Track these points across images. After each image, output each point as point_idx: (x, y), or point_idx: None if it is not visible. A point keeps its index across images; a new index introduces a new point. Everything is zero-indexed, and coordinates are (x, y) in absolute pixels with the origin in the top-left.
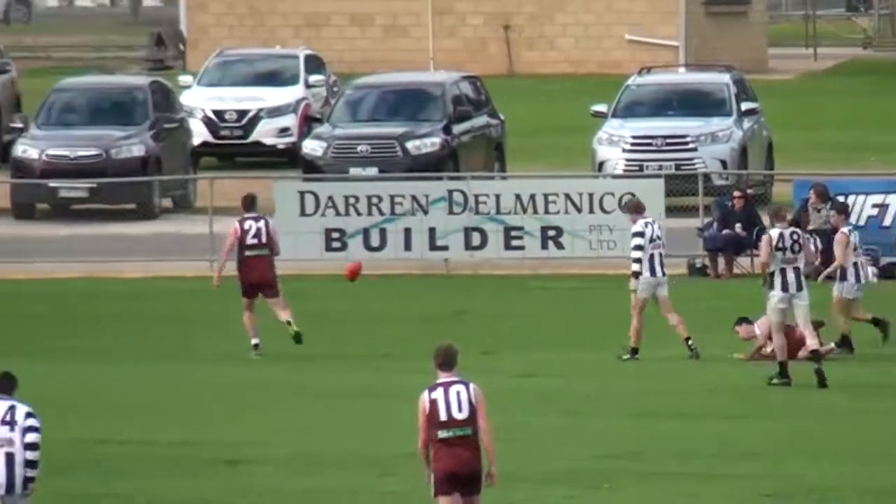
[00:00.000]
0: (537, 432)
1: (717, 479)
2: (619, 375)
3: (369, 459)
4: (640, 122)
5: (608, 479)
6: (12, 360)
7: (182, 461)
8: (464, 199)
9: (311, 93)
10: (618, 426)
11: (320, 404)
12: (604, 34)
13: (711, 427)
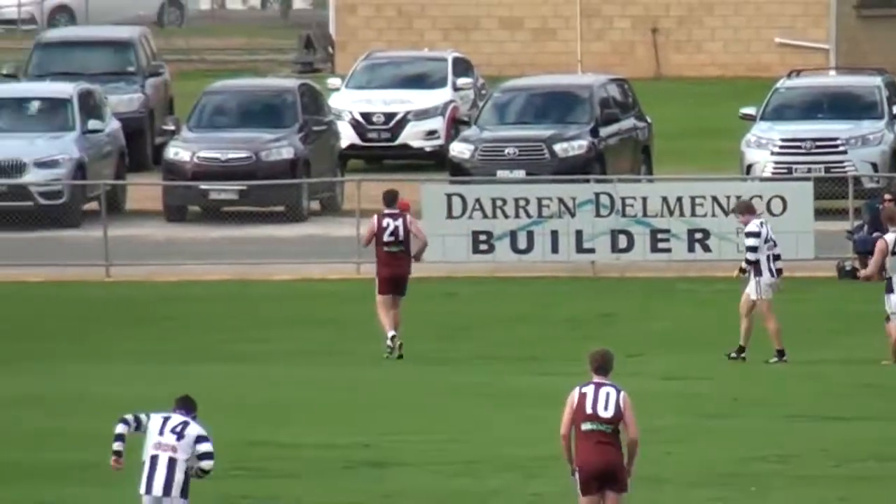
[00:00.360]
0: (683, 435)
1: (870, 482)
2: (765, 378)
3: (515, 461)
4: (789, 124)
5: (756, 482)
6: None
7: (328, 463)
8: (610, 202)
9: (459, 95)
10: (766, 428)
11: (466, 405)
12: (753, 37)
13: (863, 429)
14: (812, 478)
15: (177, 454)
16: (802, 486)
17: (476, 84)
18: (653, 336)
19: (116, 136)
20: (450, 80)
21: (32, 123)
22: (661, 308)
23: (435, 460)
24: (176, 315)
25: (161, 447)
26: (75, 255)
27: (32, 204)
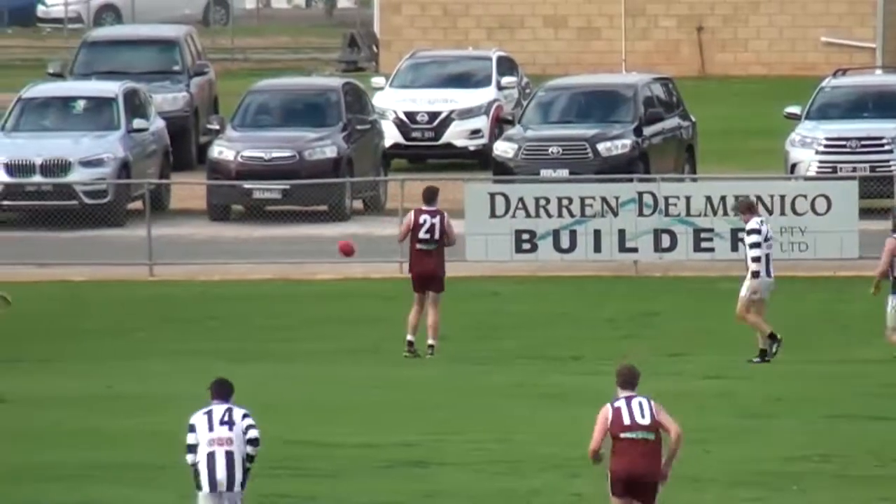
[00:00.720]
0: (725, 434)
1: None
2: (807, 377)
3: (557, 461)
4: (834, 123)
5: (798, 482)
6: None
7: (368, 462)
8: (654, 201)
9: (503, 94)
10: (807, 428)
11: (508, 405)
12: (798, 36)
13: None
14: (854, 478)
15: (233, 446)
16: (845, 485)
17: (520, 83)
18: (695, 335)
19: (161, 135)
20: (494, 79)
21: (78, 122)
22: (703, 308)
23: (477, 460)
24: (219, 314)
25: (216, 442)
26: (119, 255)
27: (77, 203)
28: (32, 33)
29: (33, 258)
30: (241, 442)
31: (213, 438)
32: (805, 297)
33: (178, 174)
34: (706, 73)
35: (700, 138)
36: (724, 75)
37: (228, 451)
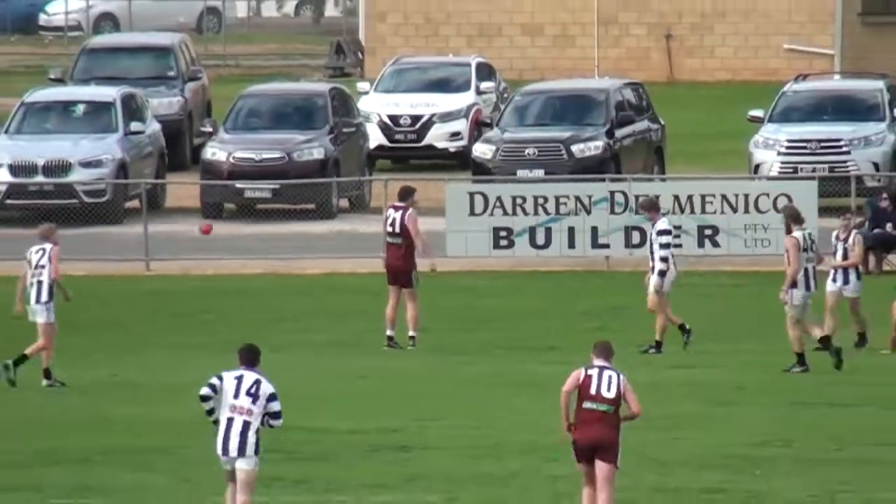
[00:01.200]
0: (692, 420)
1: (871, 465)
2: (768, 366)
3: (534, 446)
4: (795, 126)
5: (760, 466)
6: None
7: (356, 447)
8: (625, 200)
9: (482, 99)
10: (770, 414)
11: (488, 393)
12: (761, 43)
13: (864, 415)
14: (814, 461)
15: (251, 417)
16: (805, 469)
17: (498, 88)
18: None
19: (157, 137)
20: (473, 84)
21: (78, 125)
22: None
23: (457, 444)
24: (212, 308)
25: (236, 410)
26: (117, 251)
27: (77, 202)
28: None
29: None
30: (259, 415)
31: (234, 405)
32: (767, 290)
33: (173, 174)
34: (674, 79)
35: (668, 140)
36: (691, 80)
37: (246, 420)
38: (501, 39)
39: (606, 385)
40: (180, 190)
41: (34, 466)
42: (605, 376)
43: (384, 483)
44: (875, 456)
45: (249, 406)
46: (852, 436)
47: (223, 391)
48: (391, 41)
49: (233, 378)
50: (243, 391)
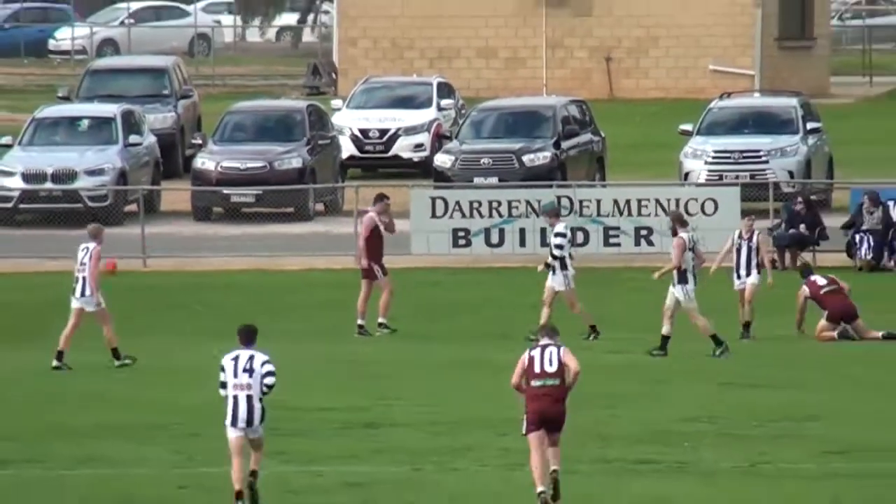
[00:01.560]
0: (629, 399)
1: (785, 440)
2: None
3: (488, 422)
4: (720, 138)
5: (689, 439)
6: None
7: (329, 423)
8: (570, 204)
9: (442, 114)
10: (699, 394)
11: (447, 375)
12: (690, 65)
13: (781, 395)
14: (737, 436)
15: (252, 391)
16: (728, 442)
17: (457, 105)
18: (604, 317)
19: (153, 148)
20: (434, 102)
21: (83, 138)
22: (611, 294)
23: (420, 421)
24: (203, 300)
25: (238, 387)
26: (117, 249)
27: (82, 206)
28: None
29: (45, 252)
30: (258, 385)
31: (235, 384)
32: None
33: (167, 181)
34: (614, 97)
35: (609, 151)
36: (628, 98)
37: (248, 395)
38: (460, 61)
39: (548, 360)
40: (174, 195)
41: (41, 440)
42: (546, 353)
43: (354, 455)
44: (790, 431)
45: (248, 381)
46: (770, 413)
47: (227, 374)
48: (361, 63)
49: (230, 361)
50: (240, 369)
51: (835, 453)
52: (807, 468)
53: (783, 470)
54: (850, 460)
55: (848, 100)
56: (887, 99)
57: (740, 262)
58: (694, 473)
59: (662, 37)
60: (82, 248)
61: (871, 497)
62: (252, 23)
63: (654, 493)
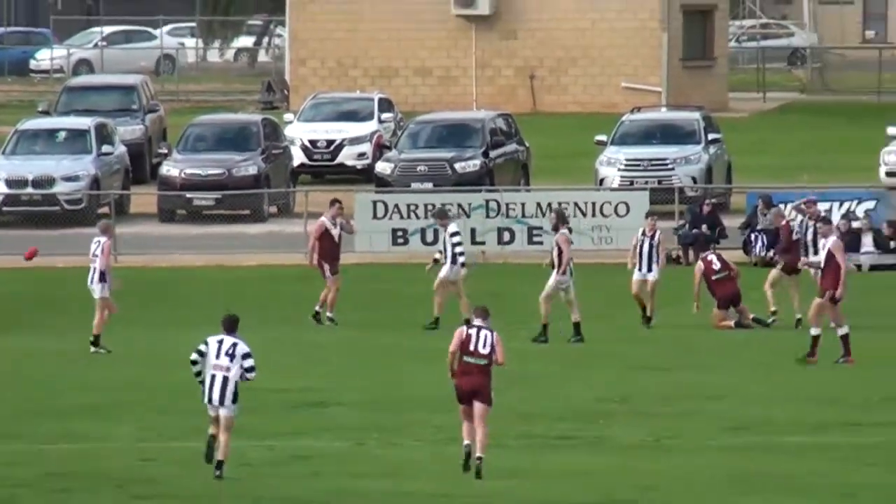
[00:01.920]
0: (551, 381)
1: (690, 416)
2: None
3: (423, 401)
4: (631, 148)
5: (604, 417)
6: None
7: (280, 402)
8: (497, 207)
9: (383, 126)
10: (613, 376)
11: (387, 359)
12: (605, 83)
13: (684, 377)
14: (646, 414)
15: (229, 373)
16: (638, 420)
17: (396, 118)
18: (528, 309)
19: (123, 157)
20: (376, 115)
21: (60, 148)
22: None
23: (363, 401)
24: (168, 293)
25: (217, 368)
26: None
27: (59, 208)
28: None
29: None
30: (237, 370)
31: (216, 364)
32: (613, 278)
33: (136, 186)
34: (537, 111)
35: (532, 159)
36: (550, 112)
37: (225, 376)
38: (399, 79)
39: (483, 343)
40: (142, 199)
41: (23, 418)
42: (482, 335)
43: (303, 431)
44: (693, 409)
45: (228, 364)
46: (675, 393)
47: (207, 353)
48: (311, 81)
49: (215, 342)
50: (223, 352)
51: (733, 429)
52: (708, 443)
53: (685, 444)
54: (747, 435)
55: (744, 113)
56: (779, 113)
57: (642, 256)
58: (608, 448)
59: (580, 57)
60: (95, 242)
61: (765, 469)
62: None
63: (573, 465)
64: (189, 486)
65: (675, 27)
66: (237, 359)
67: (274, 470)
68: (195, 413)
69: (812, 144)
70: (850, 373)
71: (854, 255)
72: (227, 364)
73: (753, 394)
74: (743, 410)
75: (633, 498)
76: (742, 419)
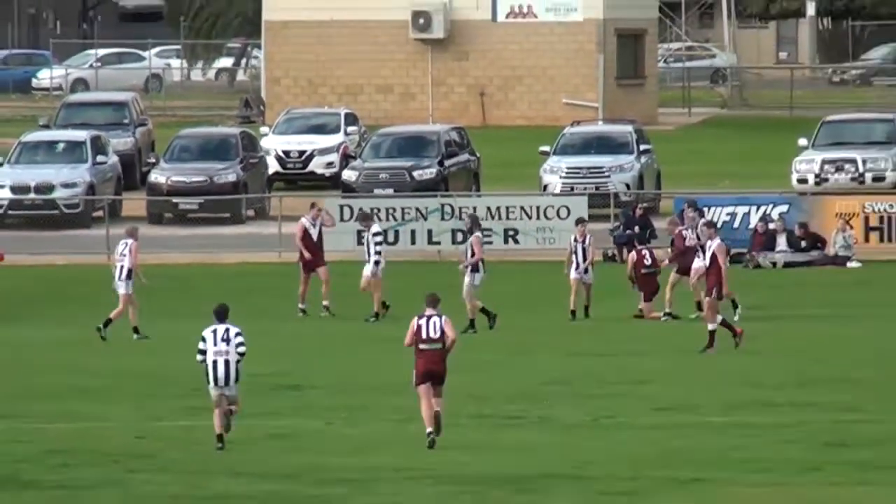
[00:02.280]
0: (499, 366)
1: (622, 398)
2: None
3: (384, 385)
4: (572, 158)
5: (548, 398)
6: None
7: (260, 386)
8: (452, 210)
9: (349, 138)
10: (553, 362)
11: (355, 347)
12: (548, 98)
13: (619, 362)
14: (585, 395)
15: (229, 356)
16: (579, 401)
17: (360, 131)
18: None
19: (116, 166)
20: (342, 128)
21: (59, 158)
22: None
23: (333, 384)
24: (157, 288)
25: (217, 353)
26: (87, 247)
27: (58, 212)
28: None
29: (30, 250)
30: (234, 352)
31: (215, 350)
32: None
33: (128, 192)
34: (487, 124)
35: (483, 168)
36: (499, 125)
37: (226, 359)
38: (363, 96)
39: (433, 328)
40: (133, 204)
41: (20, 400)
42: (431, 322)
43: (279, 412)
44: (627, 392)
45: (226, 348)
46: (611, 377)
47: (207, 343)
48: (284, 97)
49: (210, 332)
50: (219, 339)
51: (662, 409)
52: (640, 421)
53: (622, 423)
54: (675, 415)
55: (671, 127)
56: (703, 126)
57: (578, 258)
58: (552, 426)
59: (525, 76)
60: (122, 243)
61: (692, 445)
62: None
63: (521, 442)
64: (180, 462)
65: (610, 49)
66: (232, 341)
67: (252, 447)
68: (184, 396)
69: (732, 154)
70: (766, 358)
71: (770, 253)
72: (225, 349)
73: (681, 378)
74: (670, 392)
75: (574, 471)
76: (670, 400)
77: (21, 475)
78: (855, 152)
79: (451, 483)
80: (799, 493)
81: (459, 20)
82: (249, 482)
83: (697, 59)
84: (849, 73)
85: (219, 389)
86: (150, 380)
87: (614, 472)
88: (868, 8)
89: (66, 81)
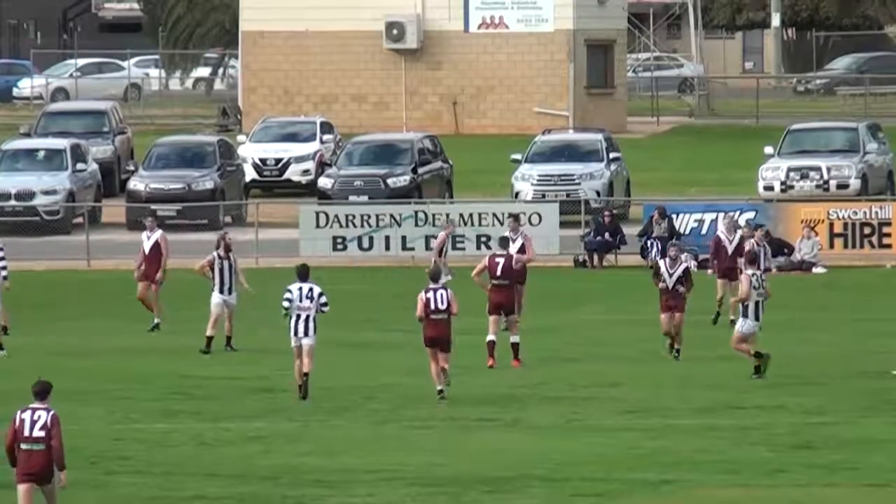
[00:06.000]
0: (471, 371)
1: (593, 401)
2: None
3: (359, 389)
4: (543, 165)
5: (518, 401)
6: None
7: (236, 389)
8: (425, 217)
9: (324, 147)
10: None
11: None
12: (519, 108)
13: (588, 366)
14: (555, 398)
15: (310, 311)
16: (548, 403)
17: (335, 139)
18: None
19: (95, 174)
20: (318, 136)
21: (39, 165)
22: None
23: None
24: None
25: (301, 308)
26: (67, 253)
27: (39, 219)
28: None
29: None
30: (315, 308)
31: (299, 306)
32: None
33: (107, 199)
34: (460, 133)
35: (455, 175)
36: (471, 134)
37: (308, 315)
38: (338, 105)
39: (440, 300)
40: (112, 210)
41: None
42: (438, 295)
43: (256, 415)
44: (596, 395)
45: (308, 304)
46: (580, 381)
47: (293, 298)
48: (260, 106)
49: (297, 288)
50: (304, 296)
51: (631, 412)
52: (609, 423)
53: (591, 425)
54: (643, 417)
55: (640, 135)
56: (670, 134)
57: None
58: (523, 428)
59: (497, 86)
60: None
61: (662, 447)
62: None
63: (493, 444)
64: (158, 463)
65: (580, 59)
66: (315, 300)
67: (230, 449)
68: (160, 399)
69: (700, 162)
70: (732, 363)
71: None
72: (308, 304)
73: (648, 381)
74: (639, 395)
75: (547, 472)
76: (638, 403)
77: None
78: (820, 160)
79: (425, 484)
80: (766, 494)
81: (432, 31)
82: (226, 484)
83: (665, 68)
84: (813, 83)
85: (297, 339)
86: (124, 382)
87: (586, 473)
88: (832, 19)
89: (46, 91)
